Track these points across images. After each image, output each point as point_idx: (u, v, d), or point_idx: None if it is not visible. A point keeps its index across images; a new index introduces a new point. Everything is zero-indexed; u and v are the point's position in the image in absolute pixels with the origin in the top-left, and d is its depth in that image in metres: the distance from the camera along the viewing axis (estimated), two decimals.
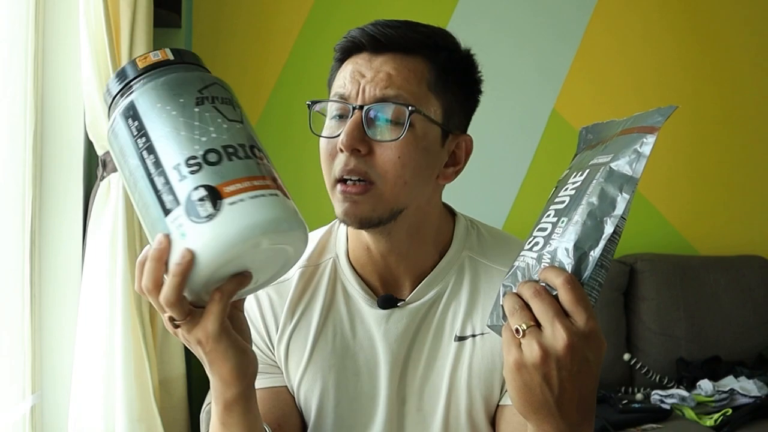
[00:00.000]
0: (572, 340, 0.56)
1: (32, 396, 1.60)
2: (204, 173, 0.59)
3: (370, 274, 0.88)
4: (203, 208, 0.57)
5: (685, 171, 2.61)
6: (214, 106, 0.63)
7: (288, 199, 0.62)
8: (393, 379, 0.86)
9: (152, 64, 0.64)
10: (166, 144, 0.60)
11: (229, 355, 0.65)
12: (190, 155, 0.59)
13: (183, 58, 0.66)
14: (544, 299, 0.58)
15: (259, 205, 0.59)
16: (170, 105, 0.61)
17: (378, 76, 0.78)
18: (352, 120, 0.77)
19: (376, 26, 0.80)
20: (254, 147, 0.63)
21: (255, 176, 0.60)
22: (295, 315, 0.88)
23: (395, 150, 0.77)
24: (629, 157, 0.60)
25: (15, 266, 1.57)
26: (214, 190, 0.58)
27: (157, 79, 0.63)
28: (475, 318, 0.86)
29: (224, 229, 0.57)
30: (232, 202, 0.58)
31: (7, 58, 1.58)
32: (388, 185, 0.78)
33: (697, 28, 2.63)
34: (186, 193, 0.58)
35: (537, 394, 0.58)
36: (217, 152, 0.60)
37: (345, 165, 0.77)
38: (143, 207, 0.61)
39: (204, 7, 2.39)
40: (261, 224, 0.58)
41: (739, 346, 2.34)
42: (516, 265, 0.64)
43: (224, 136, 0.61)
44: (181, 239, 0.58)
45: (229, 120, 0.62)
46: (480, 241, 0.91)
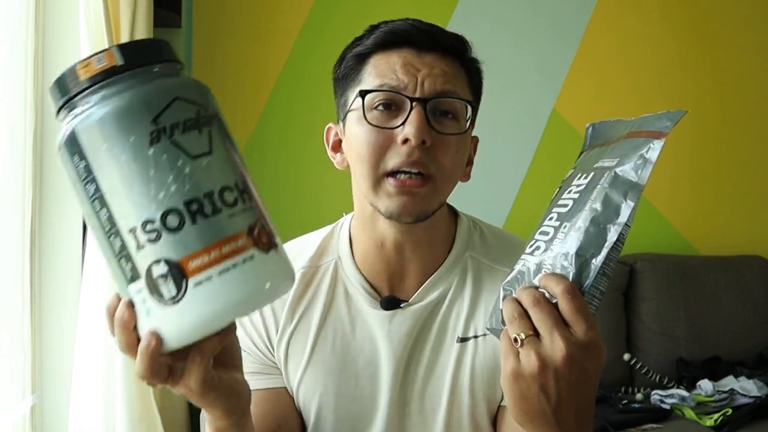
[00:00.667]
0: (571, 351, 0.55)
1: (32, 396, 1.60)
2: (164, 243, 0.50)
3: (377, 274, 0.87)
4: (166, 289, 0.50)
5: (685, 171, 2.61)
6: (172, 140, 0.51)
7: (267, 252, 0.53)
8: (395, 381, 0.85)
9: (96, 75, 0.51)
10: (118, 199, 0.51)
11: (217, 403, 0.63)
12: (147, 218, 0.50)
13: (135, 60, 0.52)
14: (544, 308, 0.57)
15: (229, 283, 0.51)
16: (119, 146, 0.50)
17: (434, 71, 0.79)
18: (417, 112, 0.77)
19: (414, 22, 0.82)
20: (225, 188, 0.52)
21: (224, 239, 0.51)
22: (295, 316, 0.88)
23: (454, 144, 0.79)
24: (635, 163, 0.59)
25: (15, 266, 1.57)
26: (176, 266, 0.50)
27: (102, 104, 0.51)
28: (477, 319, 0.86)
29: (191, 316, 0.51)
30: (198, 282, 0.50)
31: (7, 58, 1.58)
32: (444, 178, 0.80)
33: (697, 28, 2.63)
34: (146, 266, 0.51)
35: (534, 403, 0.58)
36: (179, 213, 0.50)
37: (408, 156, 0.77)
38: (104, 258, 0.54)
39: (204, 7, 2.39)
40: (231, 307, 0.52)
41: (739, 346, 2.34)
42: (516, 269, 0.63)
43: (186, 186, 0.51)
44: (146, 317, 0.52)
45: (192, 158, 0.51)
46: (483, 242, 0.91)
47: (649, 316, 2.33)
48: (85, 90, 0.52)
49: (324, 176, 2.38)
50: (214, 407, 0.64)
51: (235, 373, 0.65)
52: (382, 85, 0.79)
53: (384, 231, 0.85)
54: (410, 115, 0.77)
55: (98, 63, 0.52)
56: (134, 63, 0.52)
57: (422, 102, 0.78)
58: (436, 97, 0.79)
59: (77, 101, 0.52)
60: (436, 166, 0.78)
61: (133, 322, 0.53)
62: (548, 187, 0.69)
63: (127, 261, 0.52)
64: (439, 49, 0.81)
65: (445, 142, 0.79)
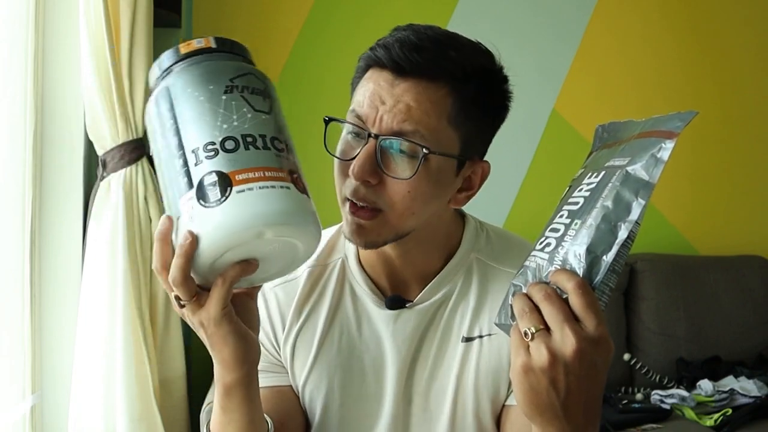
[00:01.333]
0: (581, 346, 0.56)
1: (32, 396, 1.60)
2: (219, 159, 0.60)
3: (379, 275, 0.88)
4: (212, 194, 0.59)
5: (685, 171, 2.61)
6: (242, 95, 0.63)
7: (302, 194, 0.62)
8: (400, 380, 0.86)
9: (193, 51, 0.66)
10: (189, 128, 0.62)
11: (229, 340, 0.67)
12: (209, 141, 0.60)
13: (224, 47, 0.67)
14: (555, 303, 0.58)
15: (266, 196, 0.59)
16: (199, 91, 0.63)
17: (397, 107, 0.75)
18: (365, 150, 0.75)
19: (403, 46, 0.75)
20: (276, 139, 0.63)
21: (269, 167, 0.61)
22: (302, 315, 0.88)
23: (405, 185, 0.75)
24: (646, 162, 0.59)
25: (15, 266, 1.57)
26: (225, 177, 0.59)
27: (194, 66, 0.65)
28: (482, 319, 0.86)
29: (228, 216, 0.58)
30: (241, 190, 0.59)
31: (7, 58, 1.58)
32: (395, 214, 0.77)
33: (697, 28, 2.63)
34: (199, 177, 0.60)
35: (543, 397, 0.58)
36: (235, 140, 0.61)
37: (355, 192, 0.76)
38: (164, 185, 0.64)
39: (204, 7, 2.39)
40: (264, 216, 0.59)
41: (739, 346, 2.34)
42: (526, 265, 0.64)
43: (246, 125, 0.62)
44: (189, 221, 0.60)
45: (255, 110, 0.63)
46: (488, 243, 0.91)
47: (649, 316, 2.33)
48: (182, 59, 0.66)
49: (324, 176, 2.38)
50: (225, 344, 0.67)
51: (249, 329, 0.70)
52: (352, 111, 0.78)
53: None
54: (361, 149, 0.75)
55: (197, 43, 0.67)
56: (224, 48, 0.67)
57: (375, 138, 0.75)
58: (389, 137, 0.75)
59: (174, 67, 0.66)
60: (385, 203, 0.76)
61: (170, 233, 0.61)
62: (548, 187, 0.69)
63: (184, 176, 0.61)
64: (418, 75, 0.75)
65: (396, 183, 0.75)
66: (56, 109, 1.68)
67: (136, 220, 1.71)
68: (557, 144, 2.53)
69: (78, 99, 1.68)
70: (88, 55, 1.60)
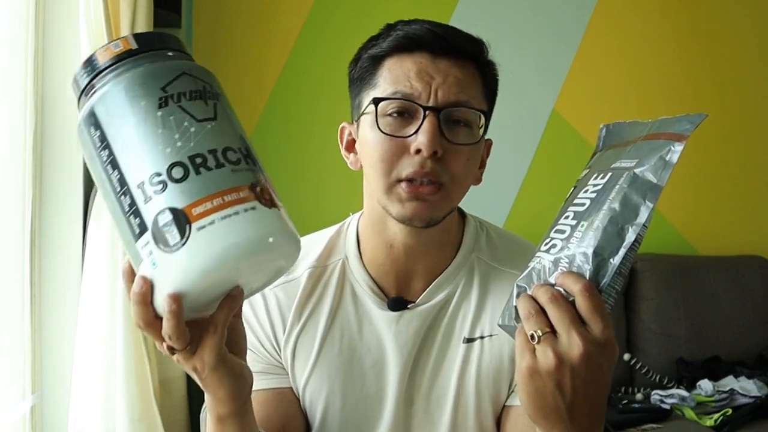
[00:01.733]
0: (588, 349, 0.56)
1: (32, 396, 1.60)
2: (169, 193, 0.53)
3: (384, 274, 0.87)
4: (170, 236, 0.53)
5: (685, 171, 2.60)
6: (179, 105, 0.56)
7: (270, 208, 0.56)
8: (402, 381, 0.86)
9: (113, 58, 0.57)
10: (128, 158, 0.54)
11: (225, 382, 0.64)
12: (154, 171, 0.54)
13: (148, 46, 0.58)
14: (561, 306, 0.57)
15: (231, 227, 0.53)
16: (130, 110, 0.55)
17: (449, 80, 0.78)
18: (430, 122, 0.76)
19: (431, 25, 0.80)
20: (229, 149, 0.56)
21: (227, 189, 0.54)
22: (303, 316, 0.88)
23: (465, 153, 0.79)
24: (655, 164, 0.59)
25: (15, 266, 1.57)
26: (180, 214, 0.53)
27: (117, 79, 0.56)
28: (483, 320, 0.86)
29: (195, 259, 0.53)
30: (201, 226, 0.53)
31: (7, 58, 1.58)
32: (455, 186, 0.80)
33: (698, 28, 2.63)
34: (152, 217, 0.53)
35: (549, 400, 0.58)
36: (183, 165, 0.54)
37: (421, 167, 0.77)
38: (116, 224, 0.57)
39: (204, 7, 2.39)
40: (233, 249, 0.53)
41: (739, 346, 2.34)
42: (531, 267, 0.63)
43: (191, 143, 0.54)
44: (152, 268, 0.54)
45: (197, 120, 0.56)
46: (489, 243, 0.91)
47: (649, 316, 2.33)
48: (104, 70, 0.57)
49: (324, 176, 2.38)
50: (221, 386, 0.65)
51: (240, 359, 0.68)
52: (395, 92, 0.79)
53: (394, 232, 0.84)
54: (423, 124, 0.77)
55: (115, 47, 0.58)
56: (146, 47, 0.58)
57: (435, 111, 0.77)
58: (450, 107, 0.78)
59: (96, 82, 0.57)
60: (448, 174, 0.78)
61: (150, 295, 0.55)
62: (548, 187, 0.69)
63: (135, 216, 0.54)
64: (454, 54, 0.80)
65: (457, 151, 0.78)
66: (56, 109, 1.68)
67: None
68: (557, 144, 2.53)
69: None
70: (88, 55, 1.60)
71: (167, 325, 0.56)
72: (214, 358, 0.61)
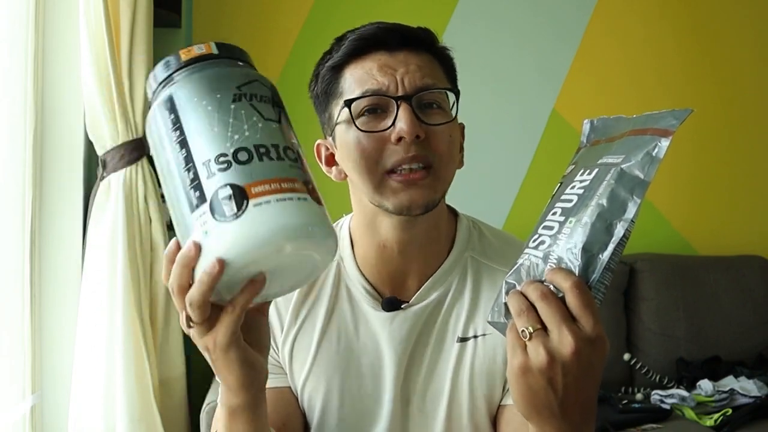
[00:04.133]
0: (579, 346, 0.56)
1: (32, 396, 1.60)
2: (232, 172, 0.58)
3: (378, 275, 0.88)
4: (228, 207, 0.56)
5: (685, 171, 2.61)
6: (251, 103, 0.61)
7: (318, 205, 0.60)
8: (397, 381, 0.86)
9: (195, 57, 0.63)
10: (198, 139, 0.59)
11: (234, 368, 0.64)
12: (221, 152, 0.58)
13: (226, 53, 0.65)
14: (551, 303, 0.57)
15: (284, 209, 0.57)
16: (206, 100, 0.61)
17: (411, 68, 0.81)
18: (404, 109, 0.78)
19: (380, 25, 0.82)
20: (288, 148, 0.61)
21: (284, 178, 0.58)
22: (300, 317, 0.88)
23: (446, 131, 0.81)
24: (642, 160, 0.59)
25: (15, 266, 1.57)
26: (240, 190, 0.57)
27: (197, 73, 0.62)
28: (477, 319, 0.86)
29: (247, 231, 0.56)
30: (258, 203, 0.57)
31: (7, 58, 1.58)
32: (443, 164, 0.81)
33: (698, 28, 2.63)
34: (213, 191, 0.57)
35: (541, 397, 0.58)
36: (248, 151, 0.58)
37: (406, 152, 0.78)
38: (172, 199, 0.61)
39: (204, 7, 2.39)
40: (285, 229, 0.57)
41: (739, 346, 2.34)
42: (520, 263, 0.63)
43: (258, 135, 0.60)
44: (204, 237, 0.57)
45: (265, 119, 0.61)
46: (482, 242, 0.91)
47: (649, 316, 2.33)
48: (184, 66, 0.63)
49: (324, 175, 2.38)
50: (230, 371, 0.64)
51: (259, 354, 0.67)
52: (365, 92, 0.80)
53: (386, 233, 0.85)
54: (398, 113, 0.78)
55: (198, 50, 0.64)
56: (225, 54, 0.65)
57: (407, 98, 0.79)
58: (419, 92, 0.80)
59: (176, 75, 0.63)
60: (434, 155, 0.80)
61: (196, 259, 0.57)
62: (548, 187, 0.69)
63: (196, 189, 0.58)
64: (409, 45, 0.82)
65: (438, 132, 0.80)
66: (56, 109, 1.68)
67: (136, 220, 1.71)
68: (557, 144, 2.53)
69: (78, 99, 1.68)
70: (88, 55, 1.60)
71: (198, 289, 0.58)
72: (227, 339, 0.62)
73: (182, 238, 0.60)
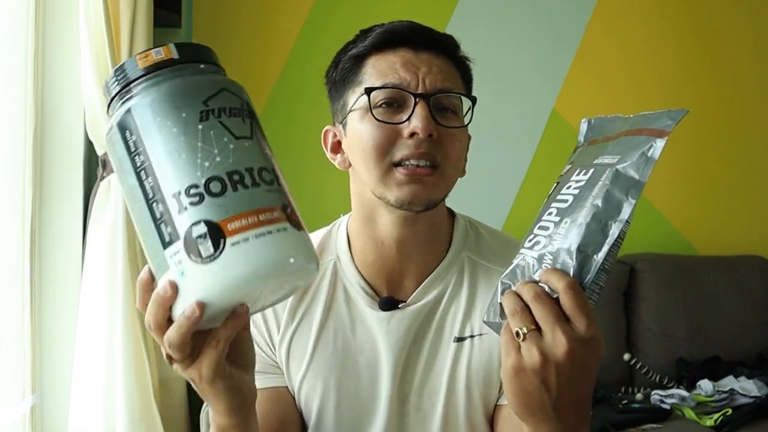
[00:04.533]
0: (572, 347, 0.56)
1: (32, 396, 1.60)
2: (206, 206, 0.53)
3: (375, 274, 0.88)
4: (204, 248, 0.53)
5: (685, 171, 2.61)
6: (220, 121, 0.56)
7: (298, 230, 0.57)
8: (394, 380, 0.86)
9: (154, 65, 0.57)
10: (165, 167, 0.54)
11: (222, 396, 0.63)
12: (192, 183, 0.54)
13: (189, 57, 0.59)
14: (545, 304, 0.58)
15: (264, 246, 0.54)
16: (171, 120, 0.55)
17: (433, 69, 0.82)
18: (423, 107, 0.79)
19: (408, 28, 0.84)
20: (263, 169, 0.57)
21: (261, 209, 0.54)
22: (296, 317, 0.88)
23: (457, 136, 0.83)
24: (637, 161, 0.59)
25: (15, 266, 1.57)
26: (216, 227, 0.53)
27: (158, 87, 0.56)
28: (473, 319, 0.87)
29: (226, 273, 0.53)
30: (235, 242, 0.53)
31: (7, 58, 1.58)
32: (450, 168, 0.82)
33: (698, 28, 2.63)
34: (185, 228, 0.53)
35: (535, 397, 0.58)
36: (221, 180, 0.54)
37: (416, 148, 0.79)
38: (142, 230, 0.56)
39: (204, 7, 2.39)
40: (265, 268, 0.54)
41: (739, 346, 2.34)
42: (515, 263, 0.63)
43: (230, 159, 0.55)
44: (181, 277, 0.54)
45: (236, 138, 0.56)
46: (478, 242, 0.91)
47: (649, 316, 2.33)
48: (143, 76, 0.57)
49: (325, 176, 2.38)
50: (218, 399, 0.64)
51: (245, 374, 0.66)
52: (386, 83, 0.81)
53: (385, 230, 0.85)
54: (415, 109, 0.80)
55: (156, 55, 0.58)
56: (187, 58, 0.59)
57: (426, 97, 0.80)
58: (438, 93, 0.81)
59: (133, 87, 0.57)
60: (442, 155, 0.81)
61: (173, 300, 0.55)
62: (548, 187, 0.69)
63: (167, 225, 0.54)
64: (434, 47, 0.84)
65: (450, 134, 0.82)
66: (56, 109, 1.68)
67: None
68: (557, 144, 2.53)
69: (78, 99, 1.68)
70: (88, 55, 1.60)
71: (177, 332, 0.56)
72: (212, 372, 0.60)
73: (156, 270, 0.57)
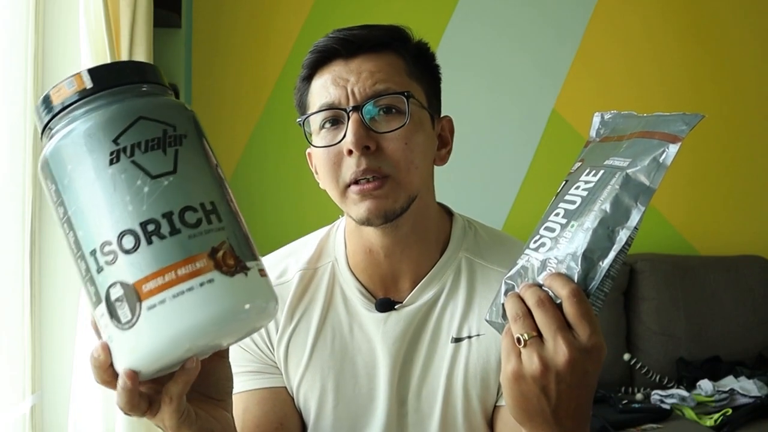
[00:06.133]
0: (573, 356, 0.56)
1: (32, 396, 1.60)
2: (119, 265, 0.49)
3: (369, 277, 0.88)
4: (122, 313, 0.49)
5: (685, 171, 2.61)
6: (132, 160, 0.50)
7: (232, 275, 0.50)
8: (392, 381, 0.86)
9: (66, 100, 0.52)
10: (81, 221, 0.50)
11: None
12: (105, 240, 0.49)
13: (102, 84, 0.52)
14: (548, 310, 0.57)
15: (183, 307, 0.48)
16: (82, 166, 0.50)
17: (362, 76, 0.79)
18: (353, 121, 0.78)
19: (340, 37, 0.81)
20: (187, 209, 0.50)
21: (180, 262, 0.49)
22: (295, 317, 0.88)
23: (401, 138, 0.79)
24: (648, 166, 0.58)
25: (15, 266, 1.57)
26: (131, 290, 0.49)
27: (69, 127, 0.51)
28: (471, 319, 0.86)
29: (145, 341, 0.49)
30: (151, 305, 0.48)
31: (7, 58, 1.58)
32: (402, 173, 0.79)
33: (698, 28, 2.63)
34: (104, 290, 0.50)
35: (534, 403, 0.58)
36: (134, 234, 0.49)
37: (357, 166, 0.77)
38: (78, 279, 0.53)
39: (204, 7, 2.39)
40: (187, 332, 0.49)
41: (739, 346, 2.34)
42: (520, 264, 0.62)
43: (143, 206, 0.49)
44: (110, 341, 0.51)
45: (152, 177, 0.50)
46: (477, 241, 0.91)
47: (649, 316, 2.33)
48: (58, 113, 0.52)
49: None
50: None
51: (216, 410, 0.63)
52: (321, 106, 0.81)
53: (370, 237, 0.85)
54: (347, 125, 0.78)
55: (69, 87, 0.52)
56: (102, 85, 0.52)
57: (356, 109, 0.78)
58: (368, 100, 0.79)
59: (52, 125, 0.52)
60: (389, 164, 0.79)
61: (108, 363, 0.53)
62: (548, 187, 0.69)
63: (91, 284, 0.51)
64: (365, 50, 0.81)
65: (391, 139, 0.79)
66: None
67: None
68: (557, 144, 2.53)
69: None
70: (88, 55, 1.60)
71: (120, 399, 0.54)
72: (175, 422, 0.57)
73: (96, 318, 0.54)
